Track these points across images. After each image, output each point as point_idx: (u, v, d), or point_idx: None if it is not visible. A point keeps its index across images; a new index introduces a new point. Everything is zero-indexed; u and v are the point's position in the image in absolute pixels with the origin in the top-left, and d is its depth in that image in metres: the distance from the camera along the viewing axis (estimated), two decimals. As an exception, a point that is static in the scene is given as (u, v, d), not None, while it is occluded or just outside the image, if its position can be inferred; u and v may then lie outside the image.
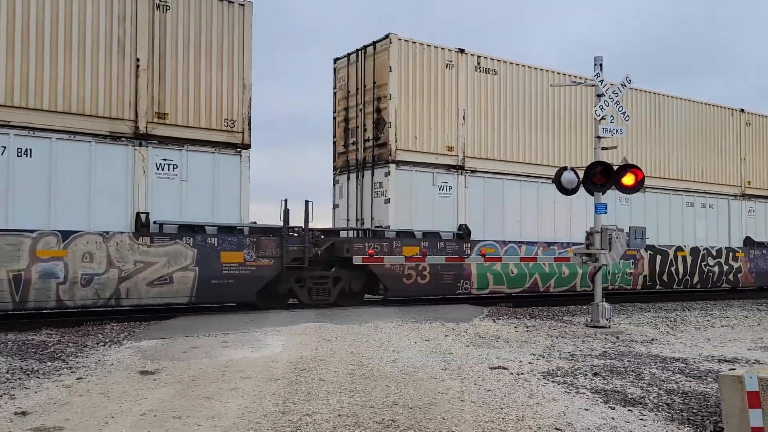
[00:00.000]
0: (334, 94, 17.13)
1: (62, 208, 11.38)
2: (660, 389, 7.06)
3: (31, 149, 10.94)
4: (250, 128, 13.23)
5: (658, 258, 19.25)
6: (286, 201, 13.61)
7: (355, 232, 15.68)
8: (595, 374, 7.80)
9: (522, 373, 7.75)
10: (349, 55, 16.45)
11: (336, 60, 17.01)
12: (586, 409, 6.16)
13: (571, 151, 17.69)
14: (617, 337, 11.18)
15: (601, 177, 12.55)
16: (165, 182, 12.37)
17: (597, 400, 6.52)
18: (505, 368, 8.02)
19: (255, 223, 13.56)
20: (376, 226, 15.06)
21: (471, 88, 16.08)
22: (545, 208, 17.12)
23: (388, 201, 14.76)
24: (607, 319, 12.41)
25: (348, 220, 16.33)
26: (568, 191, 13.50)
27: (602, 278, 13.25)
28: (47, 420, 5.58)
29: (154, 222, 12.21)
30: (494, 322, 12.73)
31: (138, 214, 12.03)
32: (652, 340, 11.02)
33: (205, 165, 12.76)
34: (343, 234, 15.73)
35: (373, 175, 14.80)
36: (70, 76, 11.47)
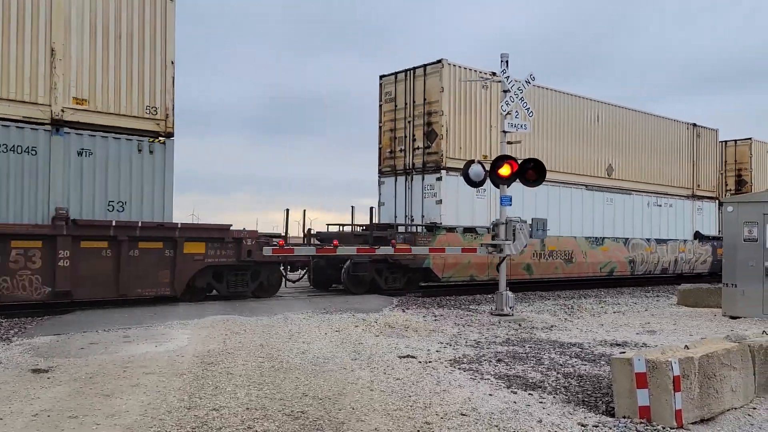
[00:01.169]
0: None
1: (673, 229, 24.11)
2: (558, 373, 7.44)
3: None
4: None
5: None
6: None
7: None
8: (499, 360, 8.10)
9: (430, 362, 7.93)
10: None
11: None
12: (490, 395, 6.39)
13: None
14: (520, 325, 11.66)
15: (506, 170, 12.99)
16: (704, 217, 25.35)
17: (500, 386, 6.78)
18: (413, 357, 8.18)
19: (698, 232, 24.72)
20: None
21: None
22: None
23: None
24: (510, 308, 12.91)
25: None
26: (475, 183, 13.89)
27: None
28: (-75, 425, 5.16)
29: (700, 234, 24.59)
30: (404, 312, 12.93)
31: (696, 231, 24.61)
32: (552, 326, 11.57)
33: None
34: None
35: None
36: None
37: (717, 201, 25.74)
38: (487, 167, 14.16)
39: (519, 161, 13.17)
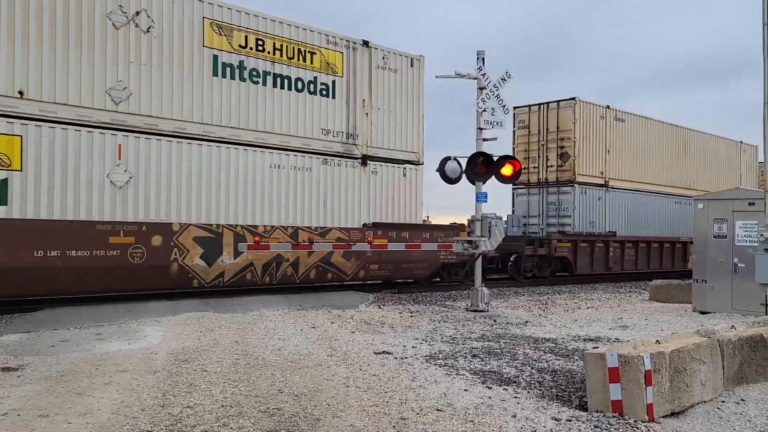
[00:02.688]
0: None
1: None
2: (532, 368, 7.52)
3: None
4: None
5: None
6: None
7: None
8: (474, 356, 8.16)
9: (405, 358, 7.95)
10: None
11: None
12: (466, 390, 6.43)
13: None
14: (495, 321, 11.75)
15: (482, 167, 13.08)
16: None
17: (476, 381, 6.83)
18: (389, 353, 8.20)
19: None
20: None
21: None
22: None
23: None
24: (485, 304, 13.00)
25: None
26: (451, 180, 13.93)
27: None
28: None
29: None
30: (380, 308, 12.95)
31: None
32: (526, 322, 11.68)
33: None
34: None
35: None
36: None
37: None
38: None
39: (495, 158, 13.25)
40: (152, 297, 13.23)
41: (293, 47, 14.70)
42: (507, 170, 13.18)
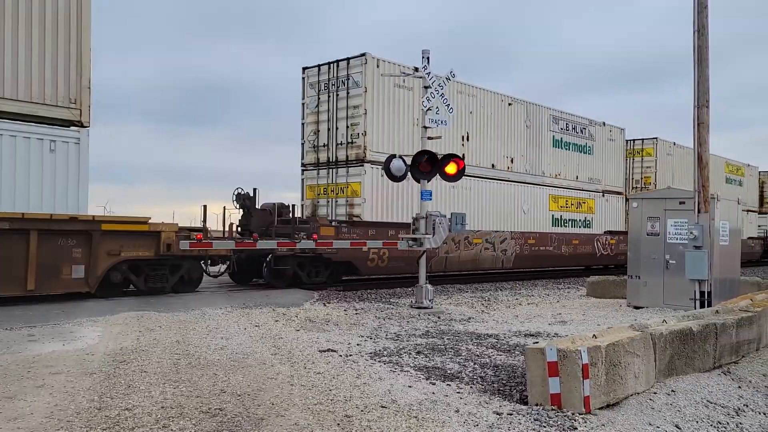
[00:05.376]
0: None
1: None
2: (475, 364, 7.65)
3: None
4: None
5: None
6: None
7: None
8: (418, 353, 8.23)
9: (350, 355, 7.95)
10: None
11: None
12: (410, 386, 6.49)
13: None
14: (438, 317, 11.89)
15: (426, 165, 13.20)
16: None
17: (420, 377, 6.90)
18: (334, 351, 8.18)
19: None
20: None
21: None
22: None
23: None
24: (430, 300, 13.14)
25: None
26: (396, 178, 14.01)
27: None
28: None
29: None
30: (325, 305, 12.91)
31: None
32: (469, 318, 11.87)
33: None
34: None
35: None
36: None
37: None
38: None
39: (440, 156, 13.41)
40: (89, 296, 12.81)
41: None
42: (451, 168, 13.36)
